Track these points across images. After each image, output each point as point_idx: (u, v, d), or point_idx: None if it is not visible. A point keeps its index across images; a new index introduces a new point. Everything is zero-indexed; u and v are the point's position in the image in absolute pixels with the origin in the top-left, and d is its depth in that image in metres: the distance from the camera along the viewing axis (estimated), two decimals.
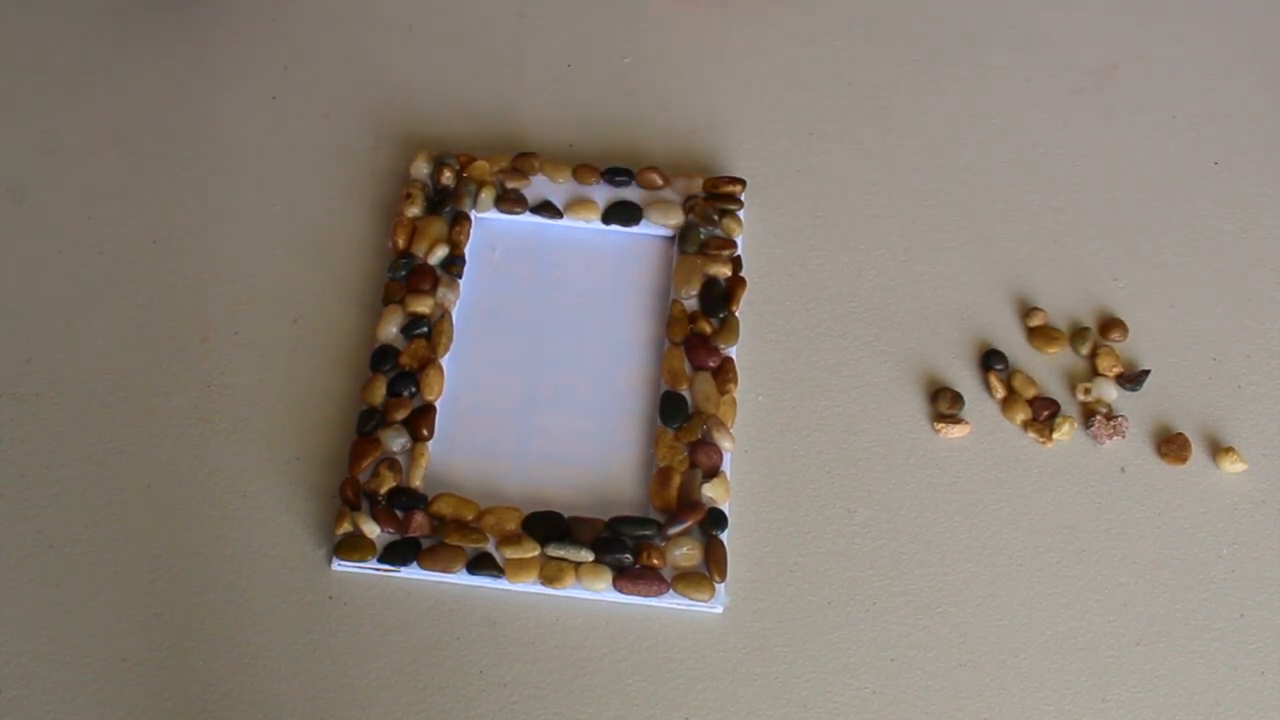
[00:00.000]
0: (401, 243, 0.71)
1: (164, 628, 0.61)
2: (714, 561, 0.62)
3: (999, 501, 0.65)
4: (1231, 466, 0.66)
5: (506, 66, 0.79)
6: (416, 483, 0.64)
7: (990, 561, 0.64)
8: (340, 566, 0.62)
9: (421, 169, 0.73)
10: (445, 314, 0.69)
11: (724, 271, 0.70)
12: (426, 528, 0.63)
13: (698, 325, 0.69)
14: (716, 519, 0.63)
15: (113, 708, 0.59)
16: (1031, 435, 0.67)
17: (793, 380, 0.69)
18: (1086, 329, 0.70)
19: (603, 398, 0.68)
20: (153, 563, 0.63)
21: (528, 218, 0.72)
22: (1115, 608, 0.63)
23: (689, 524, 0.63)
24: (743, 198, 0.73)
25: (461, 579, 0.62)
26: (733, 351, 0.68)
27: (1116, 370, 0.69)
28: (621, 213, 0.72)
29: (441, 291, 0.69)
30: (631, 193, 0.73)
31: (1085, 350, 0.70)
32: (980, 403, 0.68)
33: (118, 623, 0.61)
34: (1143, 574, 0.64)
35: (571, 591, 0.62)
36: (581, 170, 0.73)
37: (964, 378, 0.69)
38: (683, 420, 0.66)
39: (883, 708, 0.60)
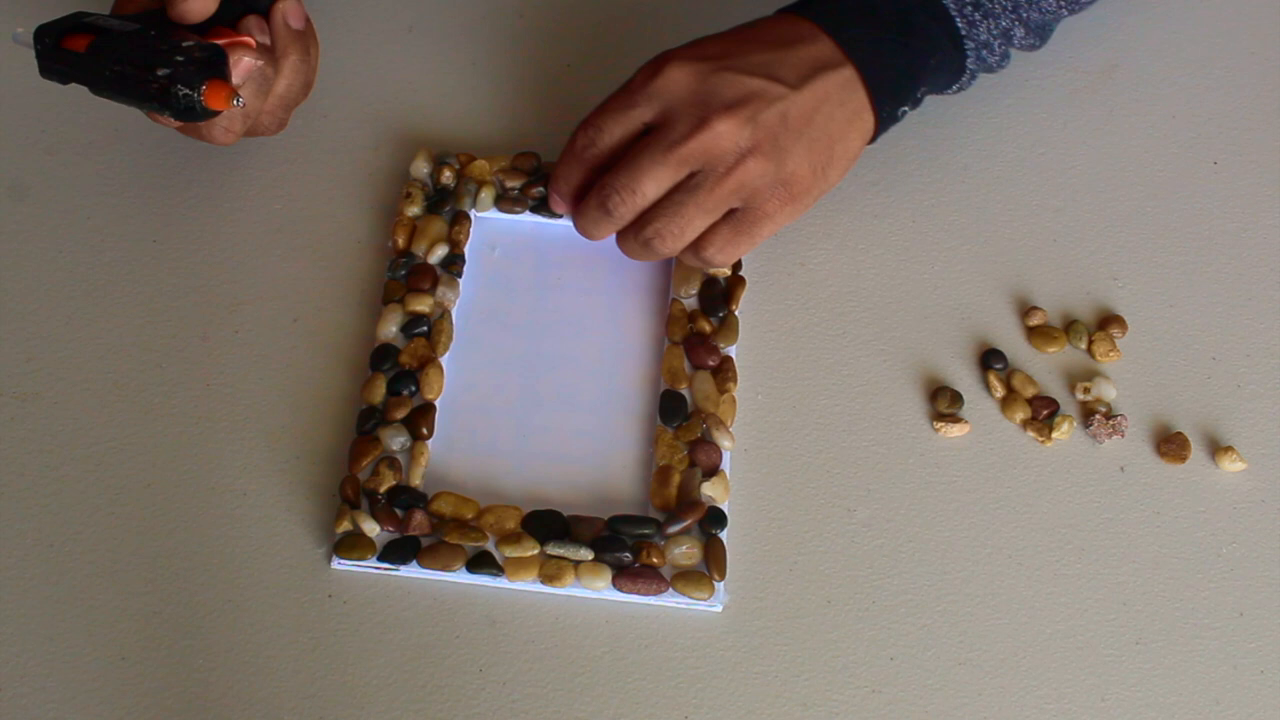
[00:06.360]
0: (401, 242, 0.71)
1: (163, 626, 0.61)
2: (713, 560, 0.62)
3: (998, 500, 0.65)
4: (1231, 466, 0.66)
5: (506, 66, 0.79)
6: (416, 481, 0.64)
7: (990, 560, 0.64)
8: (340, 565, 0.62)
9: (421, 168, 0.73)
10: (445, 313, 0.69)
11: (723, 271, 0.70)
12: (426, 526, 0.63)
13: (697, 324, 0.69)
14: (716, 518, 0.63)
15: (112, 706, 0.59)
16: (1031, 434, 0.67)
17: (792, 379, 0.69)
18: (1086, 328, 0.70)
19: (602, 397, 0.68)
20: (152, 562, 0.63)
21: (528, 217, 0.72)
22: (1114, 607, 0.63)
23: (688, 523, 0.63)
24: None
25: (461, 577, 0.62)
26: (732, 350, 0.68)
27: (1113, 355, 0.68)
28: None
29: (441, 290, 0.69)
30: None
31: (1083, 344, 0.69)
32: (980, 402, 0.68)
33: (117, 621, 0.61)
34: (1142, 573, 0.64)
35: (571, 590, 0.62)
36: None
37: (963, 377, 0.69)
38: (682, 419, 0.66)
39: (882, 707, 0.60)
